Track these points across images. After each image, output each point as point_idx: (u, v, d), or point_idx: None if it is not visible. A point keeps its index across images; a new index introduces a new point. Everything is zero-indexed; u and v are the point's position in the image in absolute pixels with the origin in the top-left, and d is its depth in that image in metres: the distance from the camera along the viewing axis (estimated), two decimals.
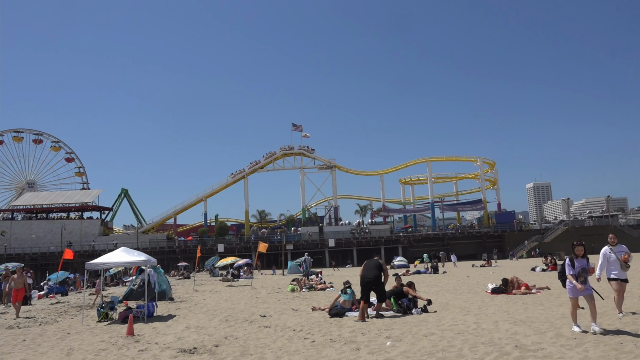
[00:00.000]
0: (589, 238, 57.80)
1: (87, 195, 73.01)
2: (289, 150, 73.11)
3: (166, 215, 75.07)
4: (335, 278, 28.01)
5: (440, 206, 71.02)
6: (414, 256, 53.06)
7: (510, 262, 47.67)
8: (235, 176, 73.43)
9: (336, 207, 72.98)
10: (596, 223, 64.41)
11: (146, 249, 56.62)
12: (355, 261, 58.72)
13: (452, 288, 18.21)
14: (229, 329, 10.53)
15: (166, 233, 70.41)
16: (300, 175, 73.00)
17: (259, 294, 19.60)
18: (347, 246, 61.41)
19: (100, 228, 68.43)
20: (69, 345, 9.40)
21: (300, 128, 73.22)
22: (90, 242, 63.43)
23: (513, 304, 12.41)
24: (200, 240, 64.39)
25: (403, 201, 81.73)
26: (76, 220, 68.56)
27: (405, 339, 8.37)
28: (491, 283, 16.91)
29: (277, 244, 56.83)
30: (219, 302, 16.84)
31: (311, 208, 79.78)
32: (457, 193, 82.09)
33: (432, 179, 72.94)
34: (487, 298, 14.16)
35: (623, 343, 6.96)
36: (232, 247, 60.66)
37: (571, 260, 8.05)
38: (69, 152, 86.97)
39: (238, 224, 79.69)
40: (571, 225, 61.54)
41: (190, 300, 18.28)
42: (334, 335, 9.13)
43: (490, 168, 75.04)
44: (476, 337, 8.14)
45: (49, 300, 22.05)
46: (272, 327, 10.55)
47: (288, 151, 73.03)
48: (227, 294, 20.37)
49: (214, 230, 70.22)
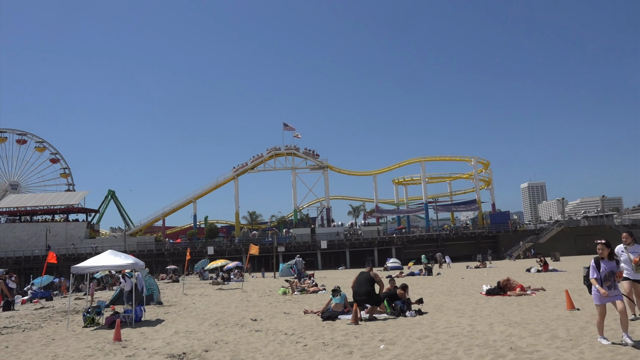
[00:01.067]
0: (584, 238, 58.57)
1: (72, 197, 72.42)
2: (280, 151, 73.02)
3: (154, 217, 74.67)
4: (328, 281, 28.02)
5: (434, 207, 71.29)
6: (407, 257, 53.21)
7: (506, 262, 47.99)
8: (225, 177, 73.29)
9: (328, 208, 73.02)
10: (591, 223, 65.03)
11: (134, 252, 56.21)
12: (348, 263, 58.82)
13: (447, 290, 18.27)
14: (219, 334, 10.50)
15: (154, 235, 70.02)
16: (292, 176, 73.00)
17: (249, 297, 19.56)
18: (339, 248, 61.47)
19: (86, 231, 67.92)
20: (53, 352, 9.31)
21: (292, 128, 73.27)
22: (75, 245, 62.95)
23: (508, 305, 12.48)
24: (190, 243, 64.10)
25: (396, 202, 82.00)
26: (61, 223, 68.00)
27: (399, 341, 8.39)
28: (486, 284, 16.99)
29: (269, 246, 56.77)
30: (209, 306, 16.79)
31: (303, 209, 79.86)
32: (451, 193, 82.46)
33: (425, 179, 73.26)
34: (481, 300, 14.22)
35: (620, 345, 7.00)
36: (222, 250, 60.46)
37: (596, 262, 7.19)
38: (53, 153, 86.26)
39: (228, 226, 79.54)
40: (566, 226, 62.03)
41: (179, 304, 18.21)
42: (327, 338, 9.12)
43: (485, 168, 75.51)
44: (471, 340, 8.18)
45: (33, 305, 21.82)
46: (264, 331, 10.52)
47: (279, 151, 72.97)
48: (217, 298, 20.32)
49: (204, 232, 69.94)
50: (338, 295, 12.19)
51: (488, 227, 65.69)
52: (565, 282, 18.86)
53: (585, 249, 55.64)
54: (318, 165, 72.96)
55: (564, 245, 55.20)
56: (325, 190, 73.29)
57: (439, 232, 64.70)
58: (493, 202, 74.31)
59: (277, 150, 73.02)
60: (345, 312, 11.90)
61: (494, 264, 44.47)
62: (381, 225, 73.46)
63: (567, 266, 31.75)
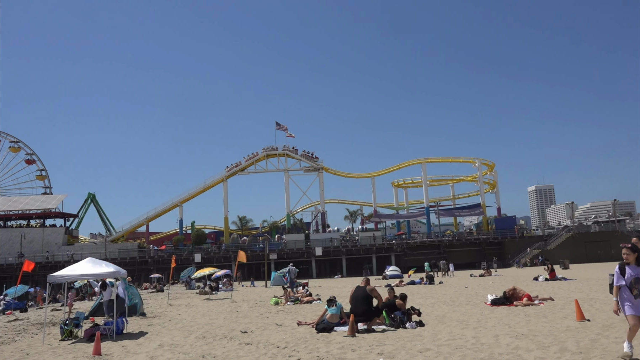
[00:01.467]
0: (595, 245, 59.00)
1: (49, 201, 72.00)
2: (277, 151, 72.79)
3: (137, 223, 74.34)
4: (323, 290, 28.01)
5: (436, 211, 71.43)
6: (407, 265, 53.25)
7: (512, 270, 48.17)
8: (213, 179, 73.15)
9: (323, 213, 73.03)
10: (602, 229, 65.30)
11: (115, 260, 56.03)
12: (345, 271, 58.81)
13: (449, 299, 18.31)
14: (206, 347, 10.46)
15: (137, 242, 69.78)
16: (285, 178, 72.92)
17: (239, 308, 19.53)
18: (335, 255, 61.46)
19: (64, 237, 67.58)
20: None
21: (284, 128, 73.22)
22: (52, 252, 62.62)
23: (514, 316, 12.51)
24: (175, 250, 63.91)
25: (396, 206, 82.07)
26: (37, 229, 67.58)
27: (399, 355, 8.39)
28: (491, 294, 17.04)
29: (260, 253, 56.64)
30: (196, 317, 16.75)
31: (296, 214, 79.78)
32: (454, 197, 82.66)
33: (427, 182, 73.34)
34: (486, 310, 14.26)
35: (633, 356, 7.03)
36: (210, 257, 60.32)
37: (621, 267, 6.88)
38: (29, 154, 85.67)
39: (217, 232, 79.34)
40: (576, 231, 62.32)
41: (164, 315, 18.15)
42: (322, 352, 9.11)
43: (490, 170, 75.77)
44: (475, 353, 8.19)
45: (5, 317, 21.67)
46: (254, 344, 10.49)
47: (276, 151, 72.79)
48: (204, 308, 20.27)
49: (190, 238, 69.80)
50: (334, 306, 12.17)
51: (493, 232, 65.88)
52: (575, 291, 18.94)
53: (595, 256, 55.91)
54: (313, 166, 72.92)
55: (574, 252, 55.46)
56: (320, 193, 73.28)
57: (441, 238, 64.83)
58: (498, 206, 74.57)
59: (274, 149, 72.74)
60: (341, 323, 11.88)
61: (499, 272, 44.62)
62: (380, 230, 73.52)
63: (577, 274, 31.90)
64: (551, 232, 69.89)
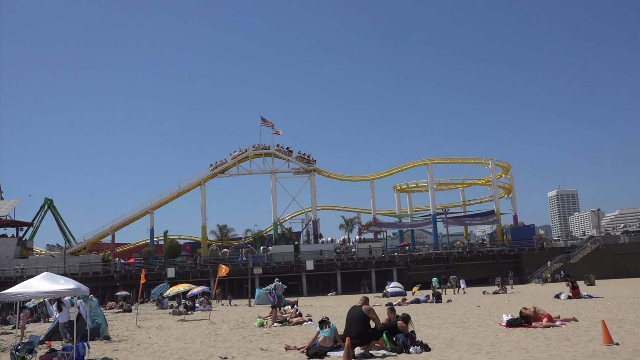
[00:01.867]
0: (624, 258, 59.27)
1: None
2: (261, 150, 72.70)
3: (102, 232, 74.02)
4: (315, 309, 28.00)
5: (443, 219, 71.62)
6: (411, 281, 53.37)
7: (532, 287, 48.39)
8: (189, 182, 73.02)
9: (315, 221, 73.06)
10: (632, 239, 65.83)
11: (76, 275, 55.69)
12: (340, 288, 58.80)
13: (459, 320, 18.36)
14: None
15: (101, 254, 69.37)
16: (271, 182, 72.84)
17: (218, 330, 19.51)
18: (329, 269, 61.44)
19: (17, 248, 67.05)
20: None
21: (271, 124, 73.22)
22: (2, 267, 62.12)
23: (533, 339, 12.56)
24: (145, 263, 63.70)
25: (398, 213, 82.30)
26: None
27: None
28: (506, 314, 17.10)
29: (242, 267, 56.51)
30: (169, 341, 16.70)
31: (284, 222, 79.76)
32: (465, 203, 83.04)
33: (433, 186, 73.62)
34: (501, 332, 14.31)
35: None
36: (186, 272, 60.17)
37: None
38: None
39: (193, 242, 79.23)
40: (602, 243, 62.69)
41: (132, 339, 18.09)
42: None
43: (505, 172, 76.17)
44: None
45: None
46: None
47: (257, 151, 72.76)
48: (178, 331, 20.22)
49: (163, 250, 69.58)
50: (327, 328, 12.16)
51: (509, 243, 66.20)
52: (601, 311, 19.05)
53: (625, 270, 56.14)
54: (303, 168, 72.88)
55: (600, 266, 55.63)
56: (312, 198, 73.29)
57: (450, 250, 65.06)
58: (515, 213, 75.01)
59: (265, 148, 72.51)
60: (335, 347, 11.88)
61: (515, 288, 44.79)
62: (380, 241, 73.62)
63: (604, 292, 32.09)
64: (574, 243, 70.31)
